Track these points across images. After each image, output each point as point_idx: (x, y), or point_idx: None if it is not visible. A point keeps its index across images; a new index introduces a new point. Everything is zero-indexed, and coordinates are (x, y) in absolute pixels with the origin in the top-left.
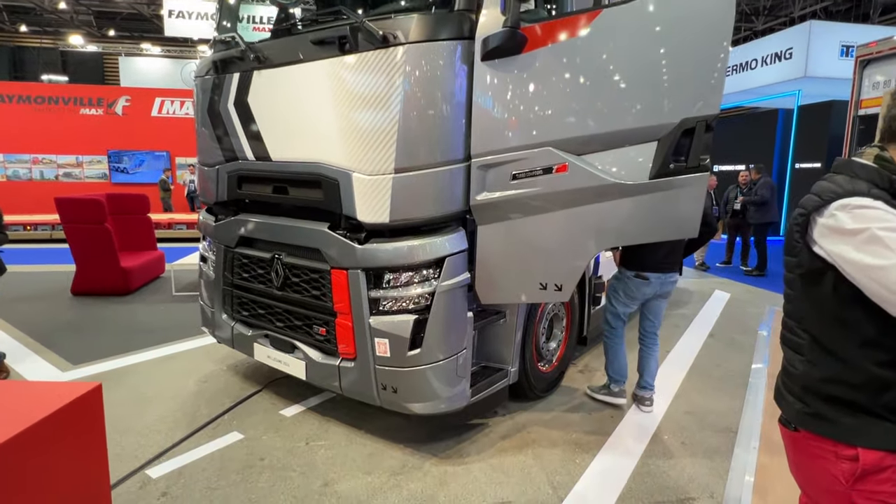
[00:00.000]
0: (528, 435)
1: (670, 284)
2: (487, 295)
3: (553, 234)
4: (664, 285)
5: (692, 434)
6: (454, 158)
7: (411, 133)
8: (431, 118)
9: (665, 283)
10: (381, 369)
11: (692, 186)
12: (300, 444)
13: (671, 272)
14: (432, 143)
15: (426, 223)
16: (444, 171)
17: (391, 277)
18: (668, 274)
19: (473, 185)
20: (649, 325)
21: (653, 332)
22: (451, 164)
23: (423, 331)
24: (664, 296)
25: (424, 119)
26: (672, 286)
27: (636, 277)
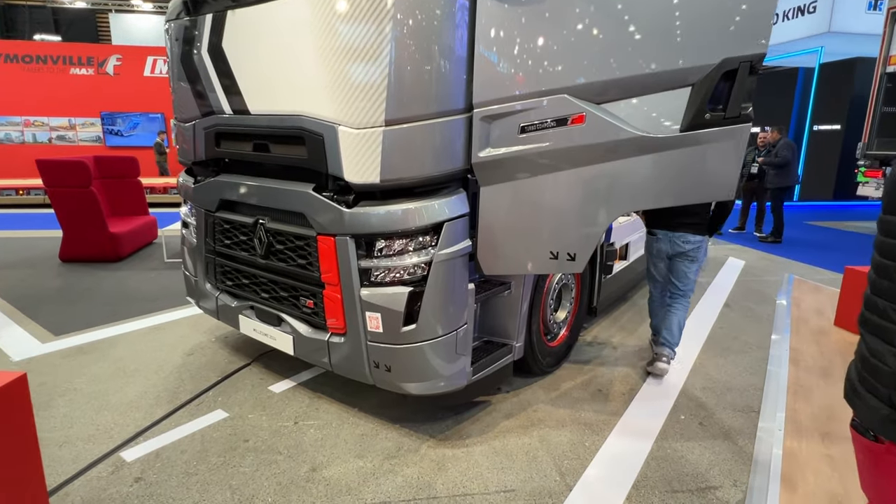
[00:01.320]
0: (534, 414)
1: (683, 244)
2: (491, 265)
3: (566, 197)
4: (674, 244)
5: (711, 413)
6: (454, 108)
7: (404, 78)
8: (427, 60)
9: (674, 241)
10: (373, 346)
11: (731, 140)
12: (288, 423)
13: (681, 231)
14: (428, 90)
15: (422, 184)
16: (442, 123)
17: (383, 245)
18: (677, 233)
19: (476, 140)
20: (673, 286)
21: (677, 293)
22: (450, 114)
23: (419, 304)
24: (682, 257)
25: (419, 62)
26: (689, 248)
27: (648, 233)
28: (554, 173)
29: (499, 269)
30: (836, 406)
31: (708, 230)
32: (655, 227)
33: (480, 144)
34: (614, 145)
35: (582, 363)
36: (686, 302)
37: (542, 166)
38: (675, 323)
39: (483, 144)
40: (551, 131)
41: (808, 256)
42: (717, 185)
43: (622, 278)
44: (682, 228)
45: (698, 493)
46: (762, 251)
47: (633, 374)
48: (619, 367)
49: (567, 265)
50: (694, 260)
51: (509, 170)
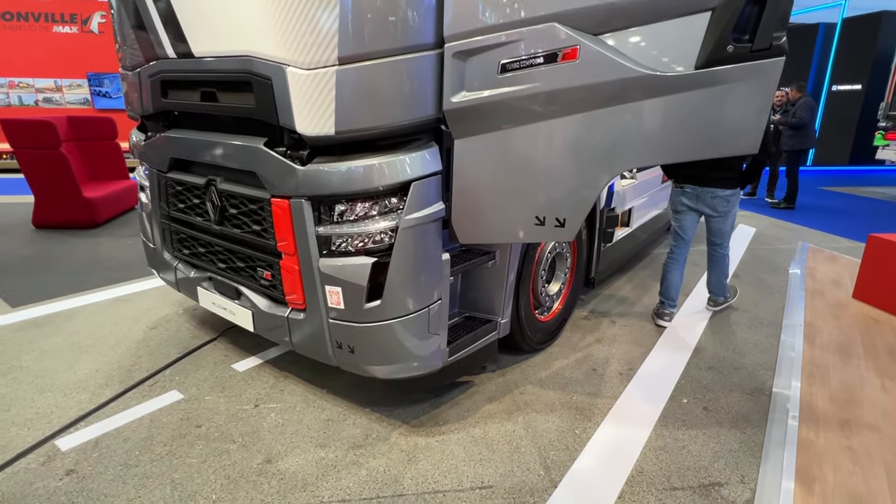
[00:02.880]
0: (521, 397)
1: (712, 199)
2: (467, 232)
3: (556, 151)
4: (702, 198)
5: (717, 397)
6: (421, 43)
7: (360, 5)
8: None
9: (703, 196)
10: (335, 324)
11: (759, 79)
12: (247, 406)
13: (710, 186)
14: (389, 20)
15: (386, 135)
16: (407, 60)
17: (343, 209)
18: (706, 188)
19: (448, 82)
20: (709, 242)
21: (713, 249)
22: (416, 50)
23: (384, 277)
24: (713, 213)
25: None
26: (718, 203)
27: (675, 187)
28: (541, 123)
29: (476, 237)
30: (855, 388)
31: (741, 183)
32: (682, 181)
33: (453, 87)
34: (614, 87)
35: (577, 339)
36: (726, 252)
37: (526, 114)
38: (714, 278)
39: (456, 87)
40: (538, 70)
41: (824, 224)
42: (739, 136)
43: (624, 246)
44: (712, 183)
45: (701, 491)
46: (774, 218)
47: (632, 351)
48: (618, 343)
49: (555, 232)
50: (727, 214)
51: (488, 119)
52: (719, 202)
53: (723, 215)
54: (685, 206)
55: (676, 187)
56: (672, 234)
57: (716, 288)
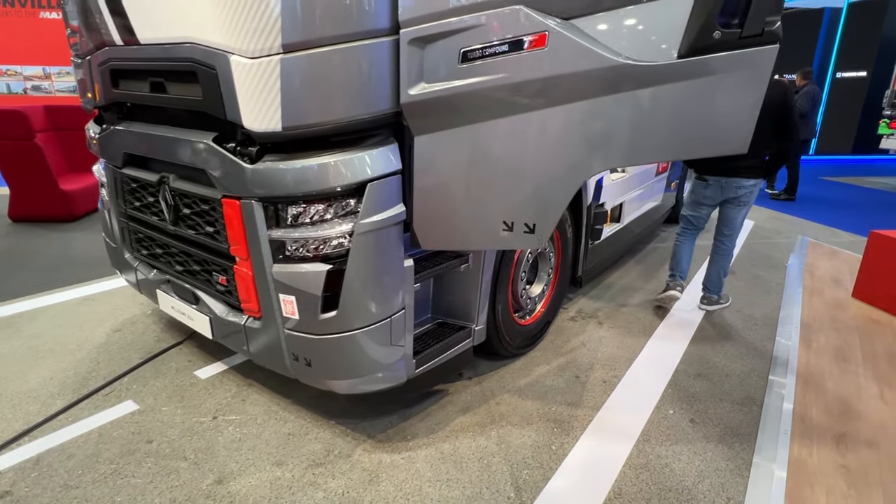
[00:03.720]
0: (497, 407)
1: (736, 190)
2: (429, 237)
3: (523, 150)
4: (726, 190)
5: (705, 407)
6: (374, 28)
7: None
8: None
9: (727, 187)
10: (291, 335)
11: (749, 69)
12: (205, 419)
13: (735, 177)
14: (338, 2)
15: (340, 132)
16: (358, 48)
17: (296, 211)
18: (731, 178)
19: (405, 72)
20: (718, 232)
21: (720, 241)
22: (369, 35)
23: (340, 286)
24: (734, 203)
25: None
26: (742, 192)
27: (697, 179)
28: (507, 119)
29: (439, 243)
30: (852, 398)
31: (764, 173)
32: (706, 173)
33: (411, 78)
34: (588, 78)
35: (561, 343)
36: (731, 248)
37: (491, 109)
38: (714, 272)
39: (414, 78)
40: (502, 59)
41: (825, 216)
42: (728, 134)
43: (615, 242)
44: (737, 173)
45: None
46: (774, 210)
47: (618, 355)
48: (604, 347)
49: (525, 239)
50: (745, 204)
51: (449, 114)
52: (744, 193)
53: (743, 205)
54: (708, 199)
55: (698, 179)
56: (684, 220)
57: (713, 284)
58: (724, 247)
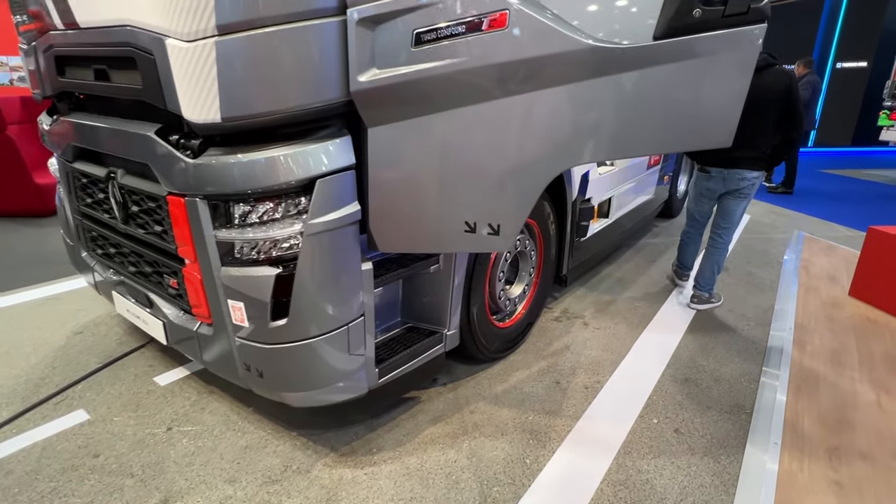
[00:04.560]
0: (471, 416)
1: (737, 181)
2: (386, 239)
3: (484, 143)
4: (728, 182)
5: (691, 416)
6: (318, 7)
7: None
8: None
9: (729, 179)
10: (242, 343)
11: (734, 52)
12: (159, 430)
13: (738, 168)
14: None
15: (287, 123)
16: (302, 29)
17: (243, 210)
18: (734, 170)
19: (354, 57)
20: (715, 225)
21: (717, 234)
22: (313, 15)
23: (290, 292)
24: (735, 195)
25: None
26: (744, 184)
27: (699, 171)
28: (466, 108)
29: (397, 245)
30: (847, 405)
31: (767, 164)
32: (708, 165)
33: (361, 63)
34: (553, 63)
35: (543, 345)
36: (727, 241)
37: (448, 97)
38: (707, 267)
39: (365, 63)
40: (460, 41)
41: (822, 210)
42: (711, 126)
43: (603, 238)
44: (740, 164)
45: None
46: (771, 203)
47: (603, 359)
48: (588, 350)
49: (489, 241)
50: (746, 197)
51: (404, 103)
52: (746, 185)
53: (744, 198)
54: (710, 192)
55: (700, 170)
56: (688, 216)
57: (706, 281)
58: (720, 240)
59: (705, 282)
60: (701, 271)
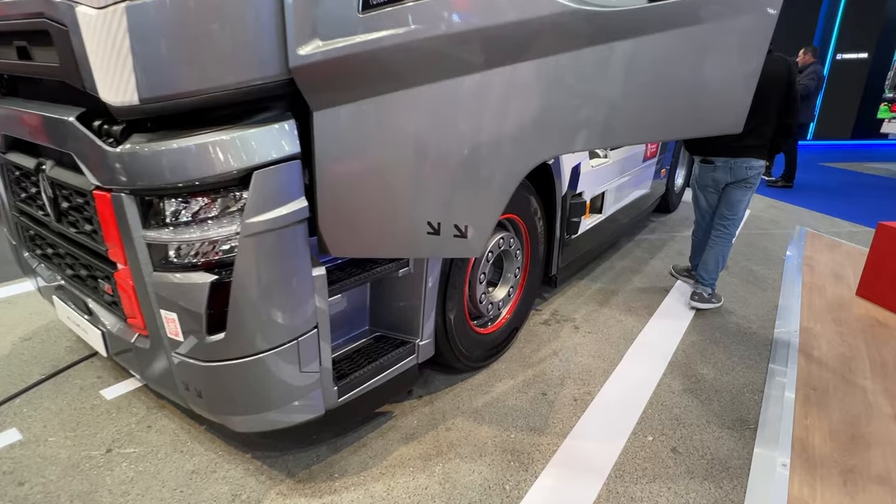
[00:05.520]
0: (447, 434)
1: (745, 171)
2: (338, 242)
3: (447, 128)
4: (736, 171)
5: (690, 432)
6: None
7: None
8: None
9: (737, 168)
10: (179, 359)
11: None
12: (97, 452)
13: (744, 157)
14: None
15: (219, 104)
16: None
17: (176, 207)
18: (741, 158)
19: (293, 25)
20: (720, 216)
21: (721, 225)
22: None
23: (228, 302)
24: (742, 185)
25: None
26: (750, 174)
27: (702, 162)
28: (426, 87)
29: (350, 248)
30: (861, 419)
31: (768, 154)
32: (711, 155)
33: (302, 34)
34: (527, 31)
35: (530, 351)
36: (732, 233)
37: (405, 73)
38: (711, 258)
39: (305, 34)
40: (415, 5)
41: (824, 204)
42: (718, 109)
43: (596, 235)
44: (746, 153)
45: None
46: (771, 198)
47: (594, 367)
48: (579, 357)
49: (456, 245)
50: (752, 187)
51: (353, 80)
52: (753, 174)
53: (750, 187)
54: (716, 182)
55: (704, 162)
56: (696, 209)
57: (709, 273)
58: (726, 231)
59: (708, 275)
60: (704, 263)
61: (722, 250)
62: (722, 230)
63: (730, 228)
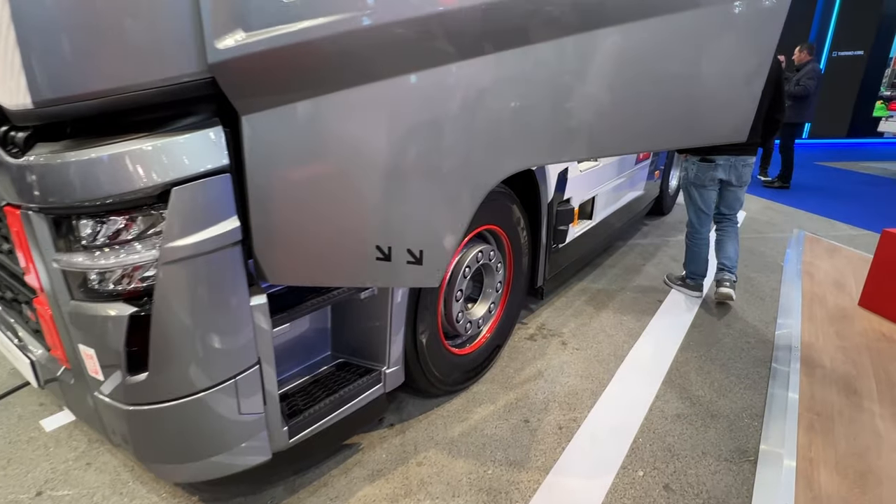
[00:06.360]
0: (418, 471)
1: (743, 168)
2: (275, 268)
3: (395, 135)
4: (735, 169)
5: (684, 466)
6: None
7: None
8: None
9: (736, 166)
10: (101, 400)
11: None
12: (25, 496)
13: (744, 155)
14: None
15: (132, 108)
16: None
17: (91, 227)
18: (741, 156)
19: (209, 15)
20: (721, 214)
21: (727, 219)
22: None
23: (148, 337)
24: (740, 181)
25: None
26: (747, 170)
27: (701, 162)
28: (370, 87)
29: (290, 275)
30: (869, 450)
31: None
32: (712, 154)
33: (220, 24)
34: (489, 17)
35: (513, 371)
36: (736, 224)
37: (346, 70)
38: (732, 248)
39: (225, 24)
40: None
41: (822, 206)
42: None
43: (587, 242)
44: (746, 150)
45: None
46: (767, 199)
47: (581, 388)
48: (565, 377)
49: (409, 272)
50: (747, 183)
51: (285, 79)
52: (747, 171)
53: (745, 183)
54: (714, 181)
55: (703, 161)
56: (694, 212)
57: (733, 261)
58: (733, 227)
59: (732, 262)
60: (727, 255)
61: (736, 238)
62: (728, 223)
63: (735, 221)
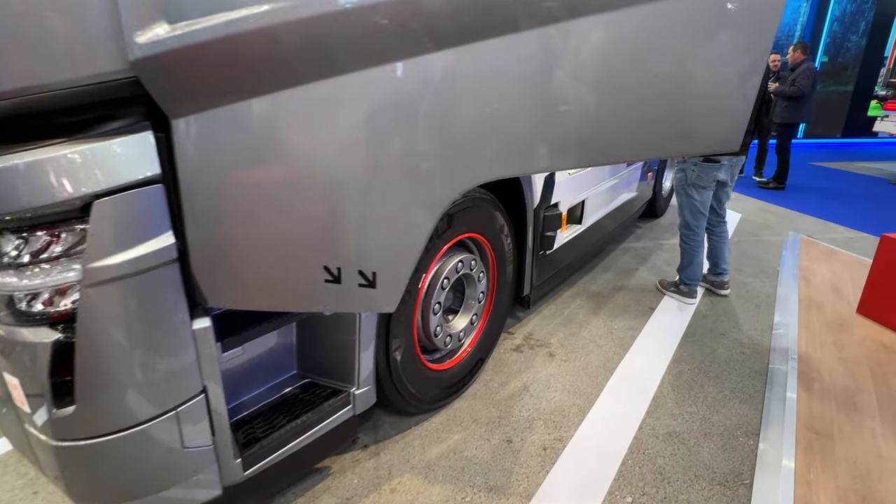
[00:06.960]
0: (391, 498)
1: (737, 169)
2: (215, 289)
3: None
4: (733, 168)
5: (675, 490)
6: None
7: None
8: None
9: (735, 165)
10: (31, 434)
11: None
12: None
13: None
14: None
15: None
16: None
17: (10, 244)
18: (739, 157)
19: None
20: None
21: (720, 222)
22: None
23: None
24: (733, 182)
25: None
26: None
27: (705, 163)
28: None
29: (231, 299)
30: (870, 473)
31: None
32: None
33: (140, 15)
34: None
35: (497, 385)
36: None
37: (285, 67)
38: (728, 252)
39: (146, 15)
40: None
41: (818, 208)
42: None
43: (576, 247)
44: (743, 151)
45: None
46: (762, 200)
47: (568, 404)
48: (552, 392)
49: (360, 296)
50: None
51: (218, 77)
52: (737, 170)
53: (734, 183)
54: (714, 181)
55: (707, 162)
56: (692, 214)
57: (727, 261)
58: (724, 228)
59: (728, 265)
60: (726, 259)
61: (728, 239)
62: (722, 226)
63: (724, 222)
